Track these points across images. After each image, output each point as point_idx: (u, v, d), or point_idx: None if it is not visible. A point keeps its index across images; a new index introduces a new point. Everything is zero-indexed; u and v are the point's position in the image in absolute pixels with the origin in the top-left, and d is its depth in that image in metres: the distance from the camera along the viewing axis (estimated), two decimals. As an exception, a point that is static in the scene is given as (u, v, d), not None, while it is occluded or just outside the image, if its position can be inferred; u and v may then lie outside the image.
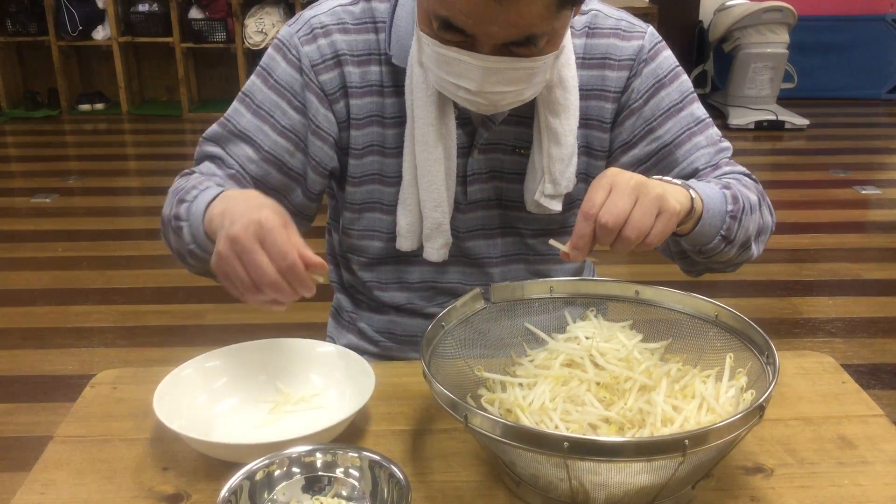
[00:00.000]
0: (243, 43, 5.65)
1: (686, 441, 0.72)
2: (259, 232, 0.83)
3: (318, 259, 0.85)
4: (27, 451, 2.14)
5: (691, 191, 0.97)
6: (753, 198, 1.07)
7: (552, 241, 0.97)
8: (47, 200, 4.15)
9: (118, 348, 2.74)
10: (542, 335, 0.99)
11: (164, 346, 2.74)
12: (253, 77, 1.12)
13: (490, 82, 0.95)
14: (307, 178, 1.13)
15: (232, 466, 0.82)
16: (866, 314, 2.93)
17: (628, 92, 1.12)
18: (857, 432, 0.97)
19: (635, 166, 1.13)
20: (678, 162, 1.12)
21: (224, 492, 0.77)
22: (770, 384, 0.80)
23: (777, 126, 5.31)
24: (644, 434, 0.84)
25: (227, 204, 0.93)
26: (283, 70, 1.10)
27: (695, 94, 1.15)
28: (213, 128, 1.13)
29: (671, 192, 0.92)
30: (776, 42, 5.29)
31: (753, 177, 1.14)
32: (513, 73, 0.96)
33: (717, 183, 1.05)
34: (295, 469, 0.82)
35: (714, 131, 1.15)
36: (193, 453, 0.92)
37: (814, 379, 1.09)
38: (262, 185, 1.10)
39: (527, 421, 0.86)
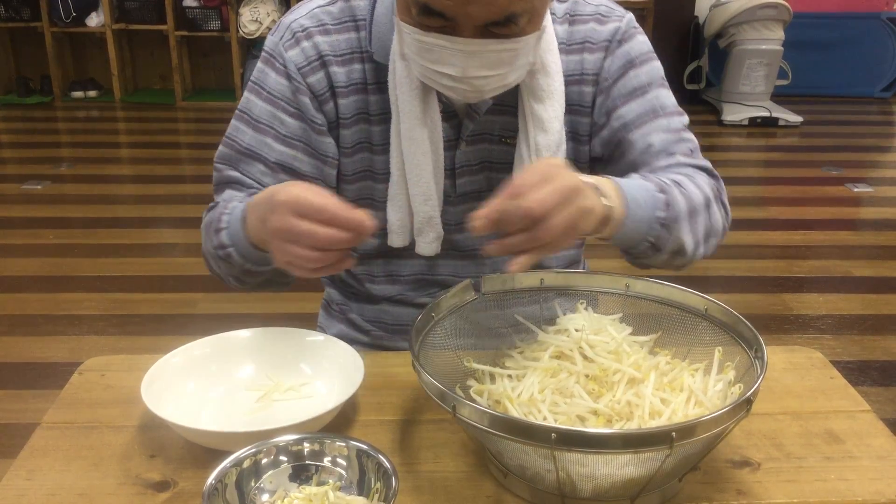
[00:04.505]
0: (238, 32, 5.62)
1: (673, 434, 0.72)
2: (288, 208, 0.86)
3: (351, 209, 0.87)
4: (14, 437, 2.14)
5: (607, 200, 0.91)
6: (699, 199, 1.04)
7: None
8: (39, 187, 4.14)
9: (108, 336, 2.73)
10: (532, 327, 0.99)
11: (155, 335, 2.74)
12: (247, 93, 1.13)
13: (473, 66, 0.95)
14: (325, 178, 1.13)
15: (219, 454, 0.82)
16: (856, 311, 2.94)
17: (602, 72, 1.12)
18: (845, 427, 0.97)
19: (602, 148, 1.13)
20: (634, 143, 1.10)
21: (211, 479, 0.77)
22: (758, 378, 0.80)
23: (771, 123, 5.31)
24: (632, 426, 0.84)
25: (258, 212, 0.96)
26: (273, 80, 1.10)
27: (665, 83, 1.14)
28: (221, 149, 1.14)
29: (594, 208, 0.88)
30: (771, 39, 5.29)
31: (714, 172, 1.11)
32: (495, 55, 0.95)
33: (656, 184, 1.00)
34: (282, 457, 0.82)
35: (679, 121, 1.12)
36: (181, 441, 0.92)
37: (802, 374, 1.09)
38: None
39: (515, 412, 0.86)
